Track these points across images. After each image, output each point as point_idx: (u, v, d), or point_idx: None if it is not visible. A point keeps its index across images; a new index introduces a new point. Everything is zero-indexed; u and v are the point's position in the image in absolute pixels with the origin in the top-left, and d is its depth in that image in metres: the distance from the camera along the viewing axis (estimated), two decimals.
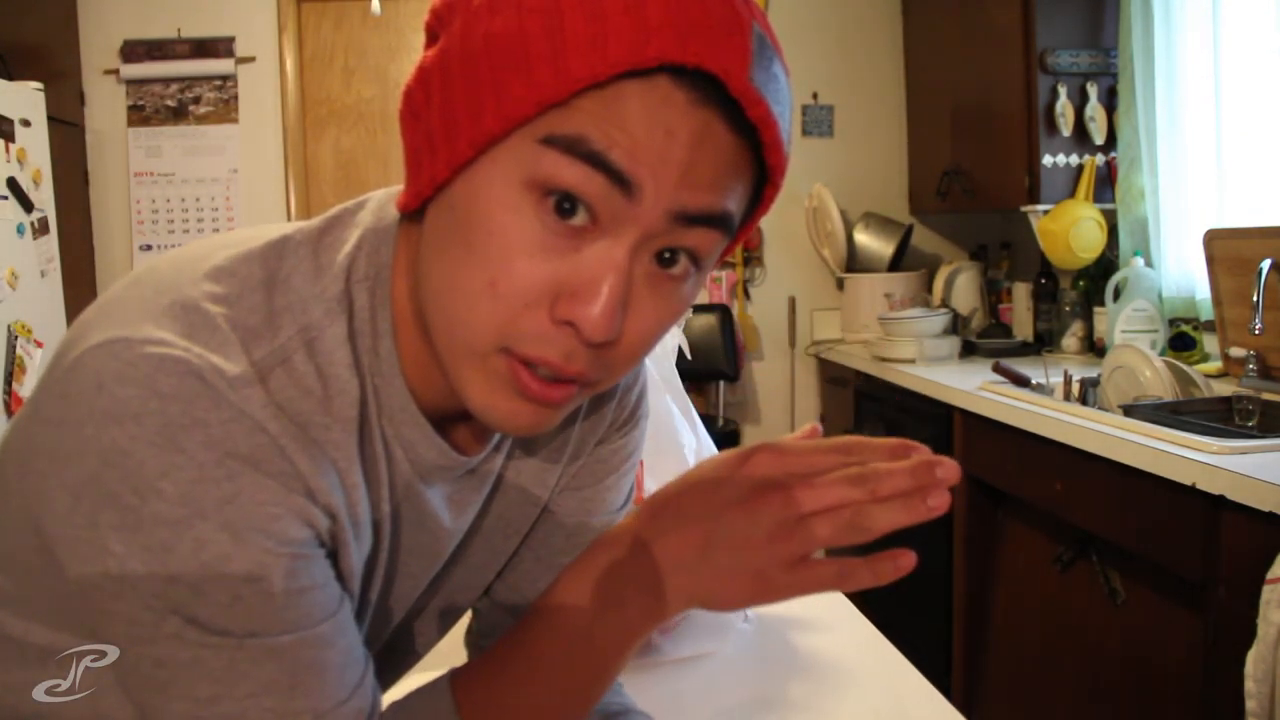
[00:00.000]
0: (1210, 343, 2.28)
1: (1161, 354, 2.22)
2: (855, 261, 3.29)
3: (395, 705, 0.56)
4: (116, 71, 3.20)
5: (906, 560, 0.48)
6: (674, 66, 0.44)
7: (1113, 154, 2.58)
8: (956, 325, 2.95)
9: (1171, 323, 2.40)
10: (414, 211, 0.53)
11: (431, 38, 0.51)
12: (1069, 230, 2.51)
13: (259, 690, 0.48)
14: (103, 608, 0.47)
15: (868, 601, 1.21)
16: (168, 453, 0.45)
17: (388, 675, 0.68)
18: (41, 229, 2.52)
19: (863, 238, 3.28)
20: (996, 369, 2.27)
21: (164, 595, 0.46)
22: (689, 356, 1.12)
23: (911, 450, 0.50)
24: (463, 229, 0.48)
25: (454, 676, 0.58)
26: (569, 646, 0.57)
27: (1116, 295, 2.46)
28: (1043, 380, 2.19)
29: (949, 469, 0.49)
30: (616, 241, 0.47)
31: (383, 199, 0.57)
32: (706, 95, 0.45)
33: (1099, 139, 2.59)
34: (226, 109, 3.26)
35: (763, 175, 0.50)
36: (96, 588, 0.46)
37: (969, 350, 2.84)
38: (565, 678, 0.57)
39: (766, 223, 3.44)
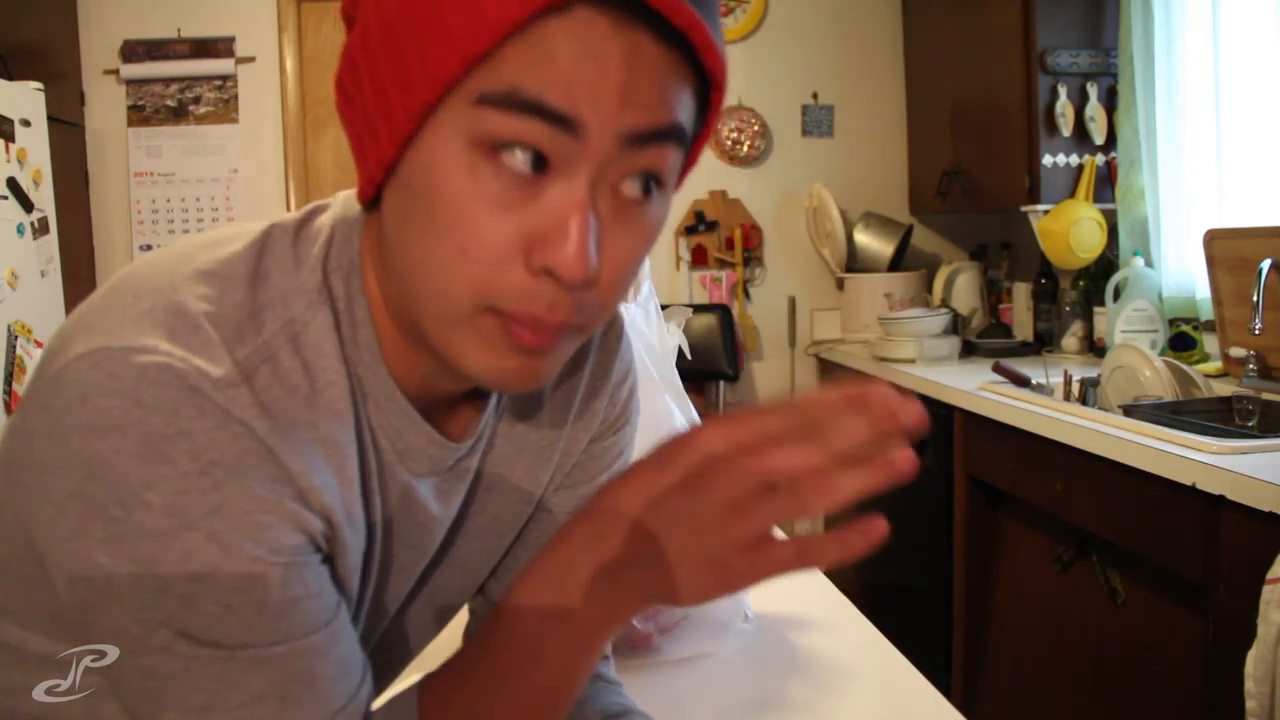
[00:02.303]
0: (1210, 343, 2.28)
1: (1161, 354, 2.21)
2: (855, 261, 3.28)
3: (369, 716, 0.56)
4: (116, 71, 3.20)
5: (877, 529, 0.44)
6: None
7: (1113, 154, 2.58)
8: (956, 325, 2.95)
9: (1171, 323, 2.40)
10: (373, 201, 0.53)
11: (349, 23, 0.51)
12: (1069, 230, 2.51)
13: (250, 701, 0.47)
14: (92, 619, 0.47)
15: (868, 601, 1.21)
16: (152, 464, 0.44)
17: (384, 673, 0.68)
18: (41, 229, 2.52)
19: (863, 238, 3.28)
20: (996, 369, 2.26)
21: (153, 607, 0.45)
22: (689, 356, 1.11)
23: (869, 397, 0.44)
24: (422, 203, 0.47)
25: (422, 687, 0.57)
26: (523, 657, 0.54)
27: (1116, 295, 2.46)
28: (1043, 380, 2.19)
29: (913, 413, 0.44)
30: (574, 180, 0.46)
31: (350, 193, 0.57)
32: (628, 13, 0.44)
33: (1099, 139, 2.59)
34: (226, 109, 3.26)
35: (705, 81, 0.49)
36: (85, 600, 0.46)
37: (969, 350, 2.84)
38: (522, 689, 0.54)
39: (766, 223, 3.44)
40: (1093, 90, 2.58)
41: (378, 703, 0.57)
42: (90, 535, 0.45)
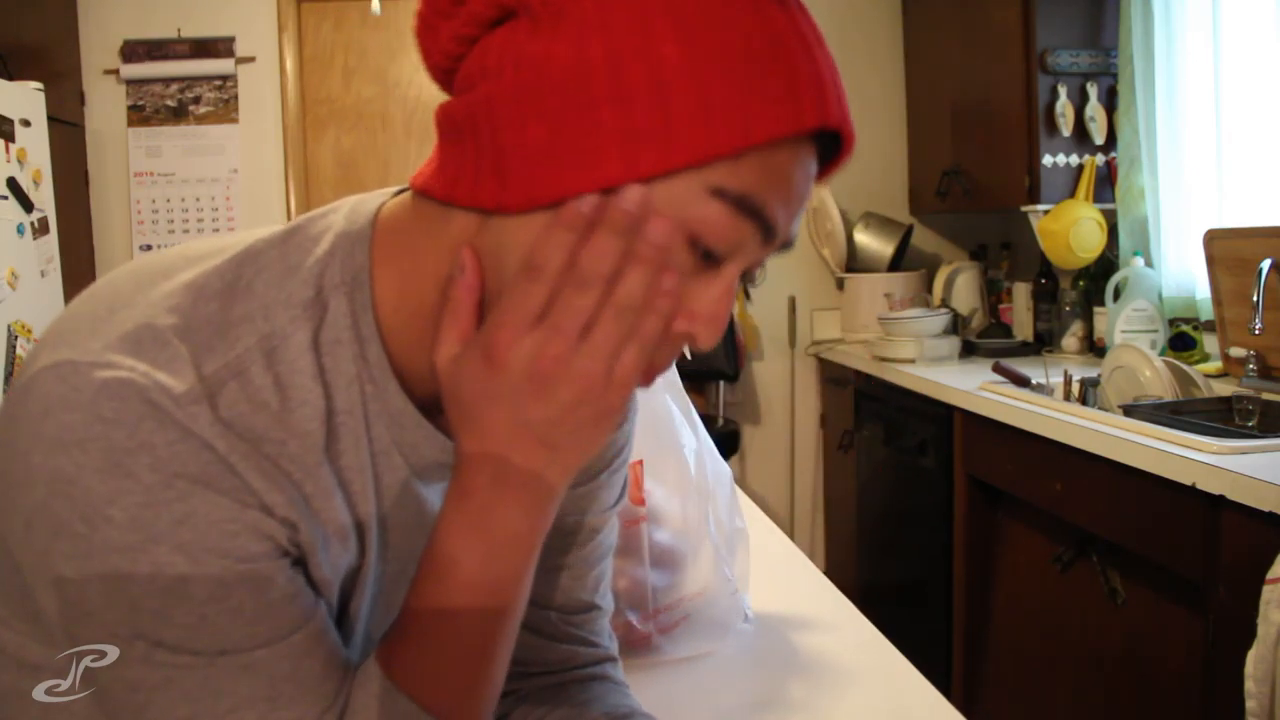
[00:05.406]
0: (1210, 343, 2.28)
1: (1161, 354, 2.21)
2: (855, 261, 3.28)
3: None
4: (116, 71, 3.20)
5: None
6: (824, 130, 0.49)
7: (1113, 154, 2.58)
8: (956, 325, 2.95)
9: (1171, 323, 2.40)
10: (412, 201, 0.53)
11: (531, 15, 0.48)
12: (1069, 230, 2.51)
13: (239, 705, 0.47)
14: (69, 633, 0.47)
15: (868, 601, 1.21)
16: (114, 478, 0.44)
17: None
18: (41, 229, 2.52)
19: (863, 238, 3.28)
20: (996, 369, 2.26)
21: (127, 621, 0.46)
22: (689, 356, 1.11)
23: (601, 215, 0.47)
24: None
25: (378, 655, 0.54)
26: (441, 573, 0.52)
27: (1116, 295, 2.46)
28: (1043, 380, 2.19)
29: (658, 230, 0.47)
30: (735, 267, 0.51)
31: (355, 203, 0.56)
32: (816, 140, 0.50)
33: (1099, 139, 2.59)
34: (226, 109, 3.26)
35: None
36: (59, 614, 0.46)
37: (969, 350, 2.83)
38: (452, 606, 0.53)
39: None
40: (1093, 90, 2.58)
41: None
42: (57, 551, 0.45)
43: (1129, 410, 1.88)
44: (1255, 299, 1.91)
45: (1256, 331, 1.90)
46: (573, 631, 0.72)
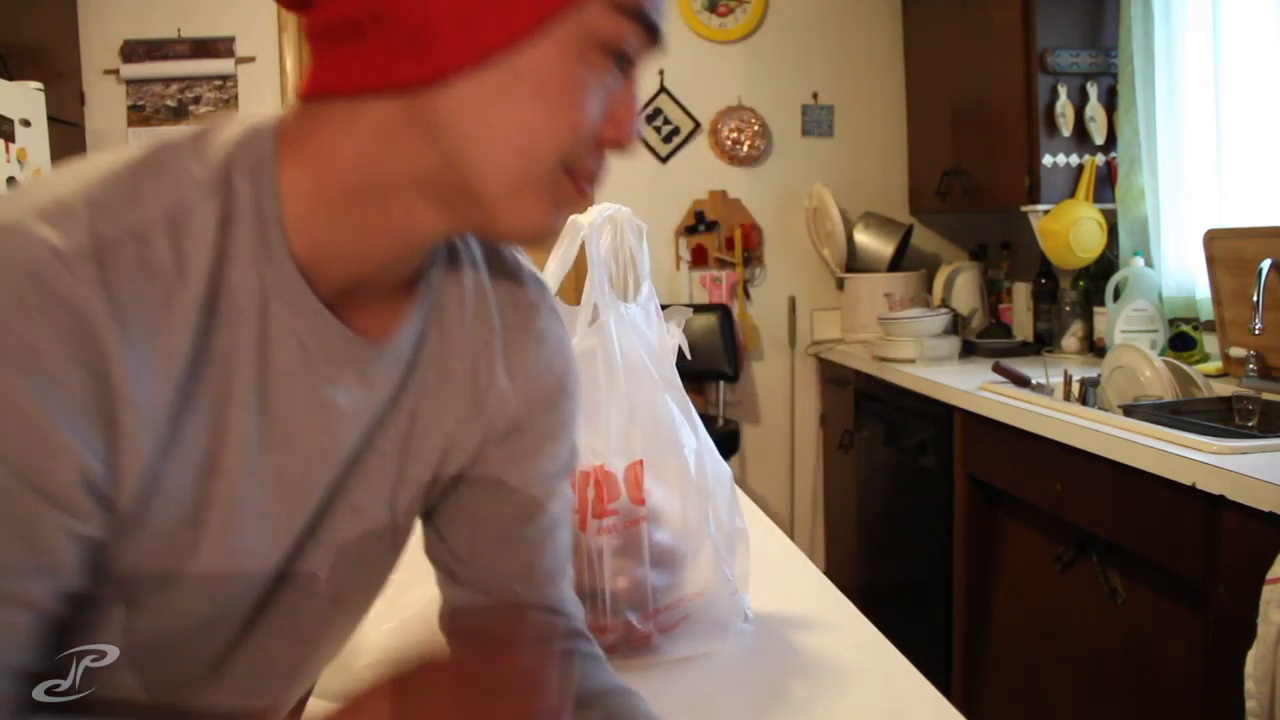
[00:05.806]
0: (1210, 343, 2.28)
1: (1161, 354, 2.22)
2: (855, 261, 3.29)
3: None
4: (116, 71, 3.20)
5: None
6: None
7: (1113, 154, 2.58)
8: (956, 325, 2.95)
9: (1171, 323, 2.40)
10: (341, 96, 0.53)
11: None
12: (1069, 230, 2.51)
13: None
14: None
15: (868, 601, 1.21)
16: None
17: (283, 669, 0.65)
18: None
19: (863, 238, 3.28)
20: (996, 369, 2.27)
21: None
22: (689, 356, 1.11)
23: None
24: (542, 87, 0.52)
25: None
26: None
27: (1116, 295, 2.46)
28: (1043, 380, 2.19)
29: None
30: (636, 74, 0.57)
31: (258, 115, 0.58)
32: None
33: (1099, 139, 2.59)
34: (226, 109, 3.26)
35: None
36: None
37: (969, 350, 2.84)
38: None
39: (766, 223, 3.44)
40: (1093, 90, 2.58)
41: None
42: None
43: (1129, 410, 1.88)
44: (1255, 299, 1.91)
45: (1256, 331, 1.90)
46: (538, 601, 0.73)
